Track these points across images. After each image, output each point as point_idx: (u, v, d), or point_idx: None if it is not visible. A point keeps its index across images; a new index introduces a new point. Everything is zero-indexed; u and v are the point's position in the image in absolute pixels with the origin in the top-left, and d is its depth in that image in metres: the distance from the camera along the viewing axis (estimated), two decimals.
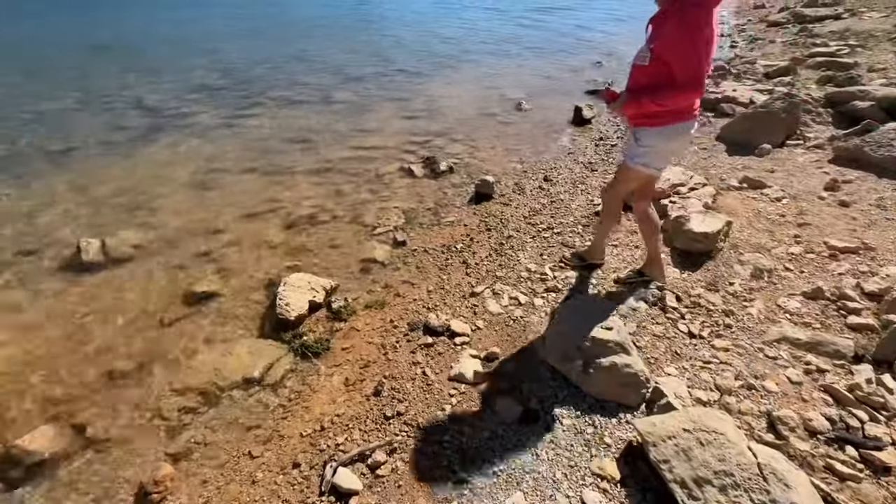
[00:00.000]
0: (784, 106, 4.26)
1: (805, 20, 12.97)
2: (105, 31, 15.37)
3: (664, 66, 1.77)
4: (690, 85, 1.75)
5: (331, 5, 25.29)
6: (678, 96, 1.79)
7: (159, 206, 3.82)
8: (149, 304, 2.69)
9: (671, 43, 1.73)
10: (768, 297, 2.34)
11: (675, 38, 1.72)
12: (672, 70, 1.75)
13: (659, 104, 1.82)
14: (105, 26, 16.32)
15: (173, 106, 6.53)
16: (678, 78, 1.75)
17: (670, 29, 1.72)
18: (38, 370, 2.25)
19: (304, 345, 2.28)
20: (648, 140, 1.97)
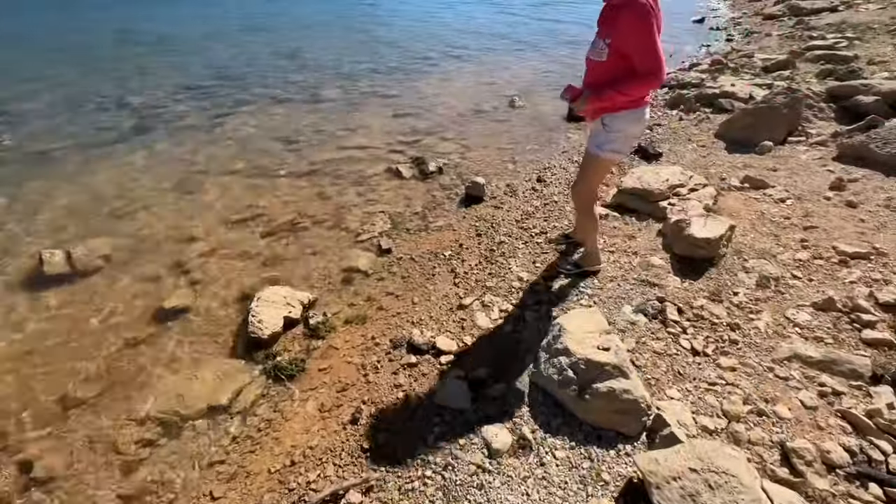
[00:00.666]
0: (786, 101, 4.10)
1: (801, 12, 12.83)
2: (90, 29, 15.04)
3: (623, 59, 1.78)
4: (653, 74, 1.75)
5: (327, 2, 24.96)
6: (642, 86, 1.81)
7: (134, 211, 3.63)
8: (114, 322, 2.50)
9: (628, 36, 1.74)
10: (776, 308, 2.18)
11: (632, 31, 1.72)
12: (632, 62, 1.76)
13: (625, 94, 1.82)
14: (90, 23, 15.97)
15: (156, 106, 6.30)
16: (639, 69, 1.76)
17: (626, 22, 1.72)
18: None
19: (277, 366, 2.11)
20: (618, 125, 1.97)
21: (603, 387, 1.67)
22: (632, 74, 1.77)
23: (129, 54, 10.20)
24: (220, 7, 23.05)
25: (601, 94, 1.87)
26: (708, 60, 7.64)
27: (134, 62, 9.15)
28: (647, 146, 4.23)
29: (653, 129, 4.90)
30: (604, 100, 1.88)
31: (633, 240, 2.85)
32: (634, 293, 2.38)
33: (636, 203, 3.16)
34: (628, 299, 2.34)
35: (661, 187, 3.13)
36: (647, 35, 1.69)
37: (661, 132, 4.81)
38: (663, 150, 4.23)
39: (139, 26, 15.52)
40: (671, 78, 6.78)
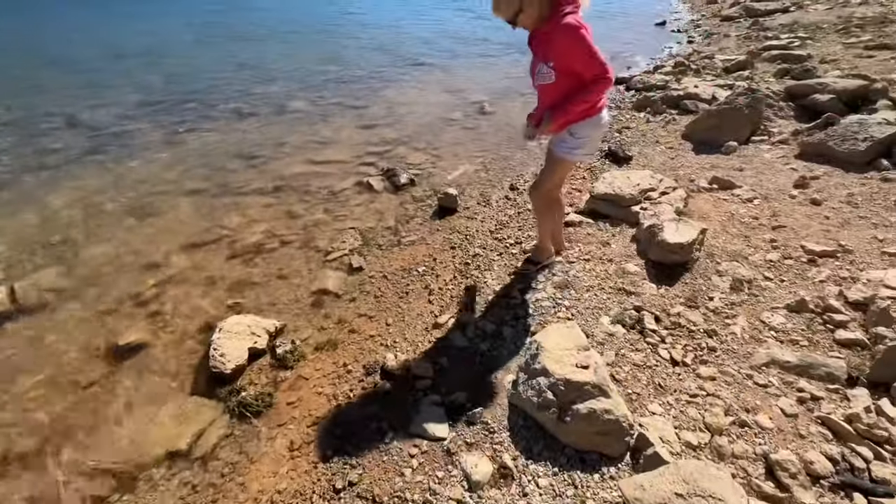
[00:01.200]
0: (747, 101, 4.19)
1: (756, 14, 13.36)
2: (42, 41, 14.40)
3: (570, 75, 1.87)
4: (602, 78, 1.83)
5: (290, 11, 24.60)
6: (596, 92, 1.88)
7: (87, 239, 3.41)
8: (63, 363, 2.31)
9: (569, 55, 1.83)
10: (751, 311, 2.18)
11: (571, 49, 1.81)
12: (581, 76, 1.85)
13: (584, 102, 1.91)
14: (41, 34, 15.29)
15: (110, 124, 6.02)
16: (588, 77, 1.84)
17: (562, 44, 1.82)
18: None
19: (242, 403, 1.98)
20: (584, 131, 2.05)
21: (583, 408, 1.60)
22: (583, 85, 1.87)
23: (80, 69, 9.77)
24: (178, 18, 22.48)
25: (563, 110, 1.94)
26: (671, 63, 7.82)
27: (85, 77, 8.77)
28: (617, 150, 4.25)
29: (622, 132, 4.95)
30: (568, 113, 1.96)
31: (608, 246, 2.83)
32: (611, 302, 2.34)
33: (609, 209, 3.15)
34: (605, 309, 2.30)
35: (632, 192, 3.13)
36: (585, 48, 1.78)
37: (631, 135, 4.86)
38: (633, 152, 4.26)
39: (89, 39, 14.95)
40: (637, 81, 6.90)
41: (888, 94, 4.24)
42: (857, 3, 13.22)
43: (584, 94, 1.88)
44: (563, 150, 2.13)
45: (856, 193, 3.05)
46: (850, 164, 3.42)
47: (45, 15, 23.07)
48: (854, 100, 4.25)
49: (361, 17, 19.16)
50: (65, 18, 24.07)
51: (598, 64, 1.80)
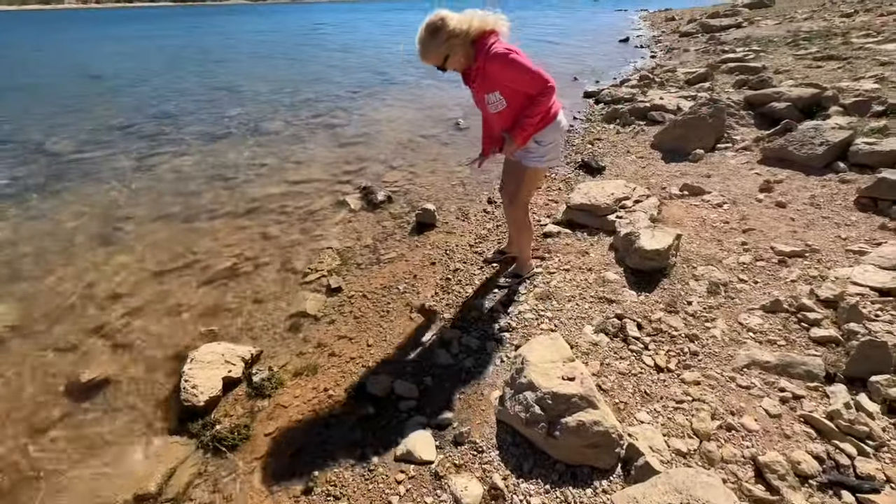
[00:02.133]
0: (710, 111, 4.37)
1: (712, 29, 14.09)
2: (7, 63, 13.95)
3: (519, 96, 1.99)
4: (546, 91, 1.94)
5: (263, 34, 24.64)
6: (545, 102, 1.98)
7: (48, 270, 3.23)
8: (18, 405, 2.15)
9: (510, 78, 1.94)
10: (728, 314, 2.21)
11: (510, 73, 1.92)
12: (527, 94, 1.97)
13: (538, 113, 2.00)
14: (6, 56, 14.82)
15: (77, 150, 5.83)
16: (534, 92, 1.96)
17: (499, 71, 1.92)
18: None
19: (216, 437, 1.87)
20: (548, 137, 2.14)
21: (572, 421, 1.57)
22: (532, 99, 1.98)
23: (46, 93, 9.49)
24: (151, 41, 22.22)
25: (521, 127, 2.03)
26: (637, 76, 8.13)
27: (52, 102, 8.51)
28: (590, 160, 4.34)
29: (594, 144, 5.07)
30: (526, 128, 2.04)
31: (587, 256, 2.85)
32: (594, 311, 2.35)
33: (585, 218, 3.19)
34: (588, 319, 2.30)
35: (607, 201, 3.18)
36: (520, 69, 1.90)
37: (602, 146, 4.98)
38: (606, 163, 4.36)
39: (56, 62, 14.58)
40: (606, 94, 7.12)
41: (839, 101, 4.49)
42: (803, 18, 14.11)
43: (534, 108, 1.99)
44: (533, 161, 2.22)
45: (817, 195, 3.18)
46: (809, 167, 3.58)
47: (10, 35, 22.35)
48: (808, 107, 4.48)
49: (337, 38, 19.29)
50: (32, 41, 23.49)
51: (538, 78, 1.92)
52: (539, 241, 3.12)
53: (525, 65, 1.89)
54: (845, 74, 6.08)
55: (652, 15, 28.05)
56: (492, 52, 1.88)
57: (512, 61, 1.88)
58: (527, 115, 2.00)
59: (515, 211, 2.43)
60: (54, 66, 14.19)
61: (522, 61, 1.89)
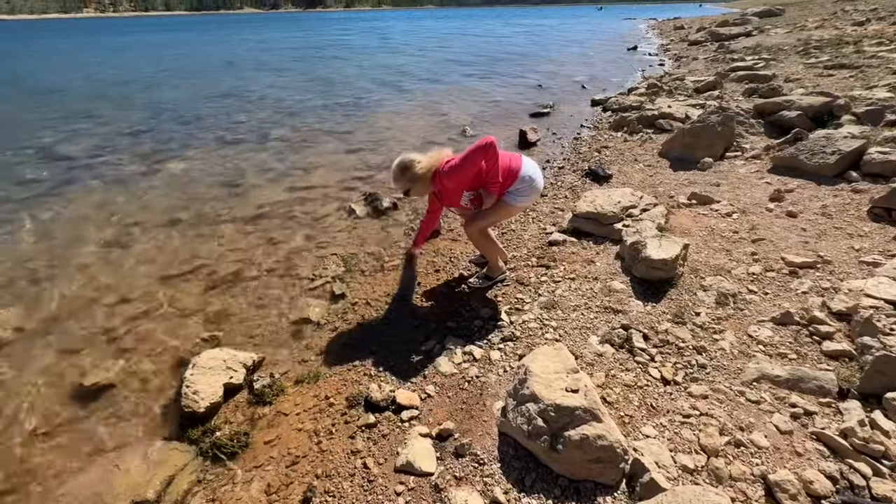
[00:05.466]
0: (719, 119, 4.33)
1: (721, 38, 14.05)
2: (24, 70, 14.28)
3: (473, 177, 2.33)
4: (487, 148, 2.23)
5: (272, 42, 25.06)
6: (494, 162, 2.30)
7: (57, 274, 3.27)
8: (22, 409, 2.16)
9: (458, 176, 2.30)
10: (737, 325, 2.16)
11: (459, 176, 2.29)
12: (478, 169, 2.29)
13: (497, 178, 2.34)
14: (23, 64, 15.17)
15: (89, 154, 5.93)
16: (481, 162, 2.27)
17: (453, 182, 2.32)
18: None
19: (215, 444, 1.86)
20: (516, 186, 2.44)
21: (575, 434, 1.54)
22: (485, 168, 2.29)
23: (59, 99, 9.69)
24: (166, 49, 22.69)
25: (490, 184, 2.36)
26: (644, 85, 8.09)
27: (64, 108, 8.69)
28: (597, 168, 4.32)
29: (601, 152, 5.05)
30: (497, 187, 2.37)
31: (593, 265, 2.82)
32: (599, 322, 2.31)
33: (591, 227, 3.16)
34: (593, 329, 2.27)
35: (613, 209, 3.15)
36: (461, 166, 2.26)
37: (609, 154, 4.96)
38: (612, 171, 4.33)
39: (73, 69, 14.91)
40: (613, 102, 7.10)
41: (851, 110, 4.42)
42: (814, 26, 14.03)
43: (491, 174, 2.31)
44: (509, 198, 2.47)
45: (829, 205, 3.13)
46: (820, 176, 3.52)
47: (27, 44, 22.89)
48: (819, 115, 4.42)
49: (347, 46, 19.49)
50: (49, 48, 24.09)
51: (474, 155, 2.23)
52: (544, 249, 3.09)
53: (461, 162, 2.26)
54: (858, 83, 6.01)
55: (660, 24, 28.07)
56: (442, 175, 2.31)
57: (455, 167, 2.27)
58: (491, 177, 2.32)
59: (470, 232, 2.59)
60: (73, 73, 14.51)
61: (459, 158, 2.28)
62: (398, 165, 2.37)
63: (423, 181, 2.37)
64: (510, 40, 24.33)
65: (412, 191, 2.44)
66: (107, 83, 12.25)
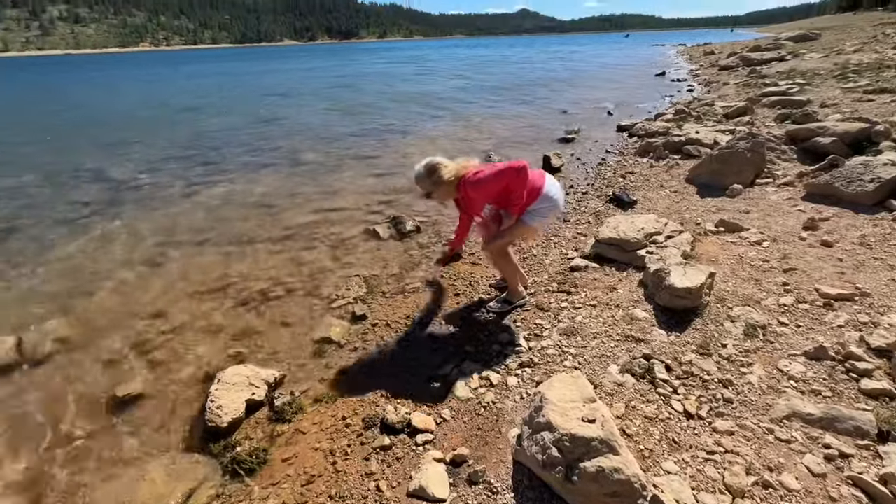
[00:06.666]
0: (748, 145, 4.25)
1: (753, 63, 13.85)
2: (80, 98, 15.47)
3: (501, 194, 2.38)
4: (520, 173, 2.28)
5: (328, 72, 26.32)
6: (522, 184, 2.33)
7: (100, 288, 3.48)
8: (60, 416, 2.28)
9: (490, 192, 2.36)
10: (767, 359, 2.08)
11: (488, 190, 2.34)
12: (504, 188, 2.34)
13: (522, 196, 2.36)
14: (81, 92, 16.45)
15: (134, 177, 6.34)
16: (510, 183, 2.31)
17: (482, 194, 2.37)
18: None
19: (235, 459, 1.90)
20: (536, 205, 2.45)
21: (591, 466, 1.50)
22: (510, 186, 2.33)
23: (111, 127, 10.46)
24: (211, 78, 24.20)
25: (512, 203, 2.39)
26: (672, 110, 8.05)
27: (115, 135, 9.37)
28: (621, 194, 4.29)
29: (626, 178, 5.01)
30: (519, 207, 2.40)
31: (615, 291, 2.77)
32: (620, 350, 2.26)
33: (614, 253, 3.12)
34: (614, 358, 2.22)
35: (637, 236, 3.11)
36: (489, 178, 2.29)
37: (634, 179, 4.92)
38: (637, 197, 4.29)
39: (124, 97, 16.09)
40: (639, 128, 7.08)
41: (891, 136, 4.26)
42: (853, 50, 13.66)
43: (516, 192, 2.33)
44: (528, 217, 2.49)
45: (868, 234, 2.99)
46: (858, 204, 3.38)
47: (82, 74, 24.72)
48: (857, 142, 4.28)
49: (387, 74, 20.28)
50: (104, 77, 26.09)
51: (505, 173, 2.27)
52: (566, 274, 3.07)
53: (490, 174, 2.29)
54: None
55: (690, 49, 27.95)
56: (468, 184, 2.32)
57: (481, 179, 2.29)
58: (516, 195, 2.34)
59: (490, 251, 2.64)
60: (126, 101, 15.68)
61: (489, 173, 2.30)
62: (425, 167, 2.36)
63: (447, 186, 2.37)
64: (540, 66, 24.75)
65: (434, 194, 2.43)
66: (156, 110, 13.17)
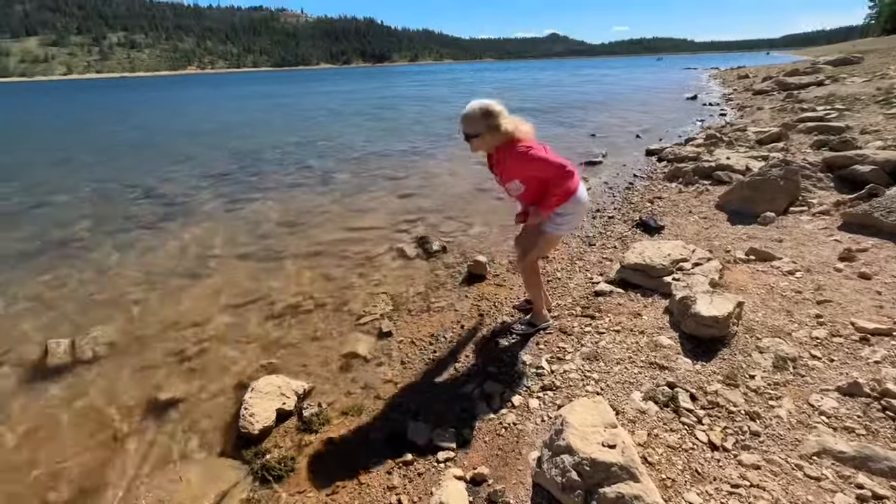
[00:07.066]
0: (781, 172, 4.18)
1: (790, 87, 13.54)
2: (132, 128, 16.60)
3: (535, 181, 2.28)
4: (560, 175, 2.20)
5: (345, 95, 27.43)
6: (562, 185, 2.23)
7: (146, 297, 3.71)
8: (107, 415, 2.44)
9: (527, 170, 2.25)
10: (797, 393, 2.03)
11: (528, 166, 2.22)
12: (543, 179, 2.25)
13: (556, 195, 2.26)
14: (133, 124, 17.67)
15: (181, 193, 6.75)
16: (551, 178, 2.23)
17: (517, 165, 2.24)
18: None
19: (265, 466, 1.99)
20: (568, 209, 2.38)
21: (611, 492, 1.51)
22: (550, 182, 2.24)
23: (161, 146, 11.18)
24: (253, 101, 25.53)
25: (545, 203, 2.30)
26: (703, 135, 7.96)
27: (164, 153, 10.00)
28: (648, 219, 4.27)
29: (654, 202, 4.99)
30: (550, 205, 2.30)
31: (639, 318, 2.77)
32: (643, 377, 2.25)
33: (639, 279, 3.12)
34: (637, 384, 2.21)
35: (663, 262, 3.10)
36: (538, 161, 2.19)
37: (662, 205, 4.89)
38: (665, 222, 4.27)
39: (171, 121, 17.17)
40: (669, 152, 7.03)
41: None
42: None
43: (554, 189, 2.25)
44: (551, 227, 2.45)
45: None
46: None
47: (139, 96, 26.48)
48: None
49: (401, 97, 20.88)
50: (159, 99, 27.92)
51: (554, 166, 2.19)
52: (590, 299, 3.08)
53: (541, 157, 2.19)
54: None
55: (723, 73, 27.55)
56: (515, 151, 2.21)
57: (531, 157, 2.19)
58: (550, 195, 2.26)
59: (524, 267, 2.65)
60: (176, 122, 16.74)
61: (540, 155, 2.19)
62: (481, 107, 2.18)
63: (497, 137, 2.21)
64: (572, 89, 24.94)
65: (477, 140, 2.25)
66: (202, 130, 13.99)
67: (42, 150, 11.46)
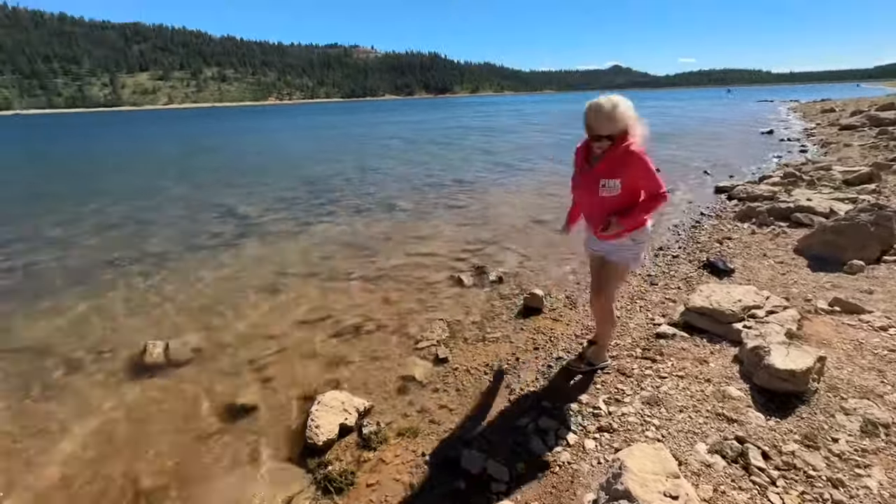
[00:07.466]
0: (871, 218, 3.86)
1: (883, 123, 12.45)
2: (215, 154, 18.50)
3: (632, 192, 2.22)
4: (661, 196, 2.20)
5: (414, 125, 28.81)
6: (656, 206, 2.25)
7: (227, 309, 4.09)
8: (191, 413, 2.72)
9: (639, 177, 2.18)
10: (890, 463, 1.84)
11: (641, 174, 2.16)
12: (639, 192, 2.22)
13: (647, 214, 2.26)
14: (214, 152, 19.69)
15: (258, 214, 7.41)
16: (649, 194, 2.20)
17: (635, 169, 2.15)
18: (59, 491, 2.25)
19: (327, 477, 2.12)
20: (643, 237, 2.37)
21: None
22: (644, 199, 2.22)
23: (241, 170, 12.35)
24: (327, 130, 27.53)
25: (633, 217, 2.22)
26: (780, 173, 7.50)
27: (244, 178, 11.03)
28: (717, 261, 4.09)
29: (723, 243, 4.77)
30: (636, 221, 2.26)
31: (706, 364, 2.65)
32: (709, 428, 2.15)
33: (706, 323, 2.99)
34: (702, 435, 2.12)
35: (732, 308, 2.96)
36: (650, 170, 2.15)
37: (733, 246, 4.66)
38: (736, 265, 4.06)
39: (252, 147, 18.92)
40: (740, 190, 6.71)
41: None
42: None
43: (648, 206, 2.22)
44: (625, 258, 2.41)
45: None
46: None
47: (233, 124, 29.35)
48: None
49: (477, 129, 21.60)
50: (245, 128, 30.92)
51: (658, 183, 2.18)
52: (650, 340, 3.00)
53: (653, 169, 2.16)
54: None
55: (804, 106, 25.80)
56: (632, 147, 2.12)
57: (646, 162, 2.14)
58: (641, 210, 2.23)
59: (603, 303, 2.55)
60: (257, 149, 18.45)
61: (651, 166, 2.16)
62: (613, 103, 2.06)
63: (626, 129, 2.10)
64: None
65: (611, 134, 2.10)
66: (277, 158, 15.30)
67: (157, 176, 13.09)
